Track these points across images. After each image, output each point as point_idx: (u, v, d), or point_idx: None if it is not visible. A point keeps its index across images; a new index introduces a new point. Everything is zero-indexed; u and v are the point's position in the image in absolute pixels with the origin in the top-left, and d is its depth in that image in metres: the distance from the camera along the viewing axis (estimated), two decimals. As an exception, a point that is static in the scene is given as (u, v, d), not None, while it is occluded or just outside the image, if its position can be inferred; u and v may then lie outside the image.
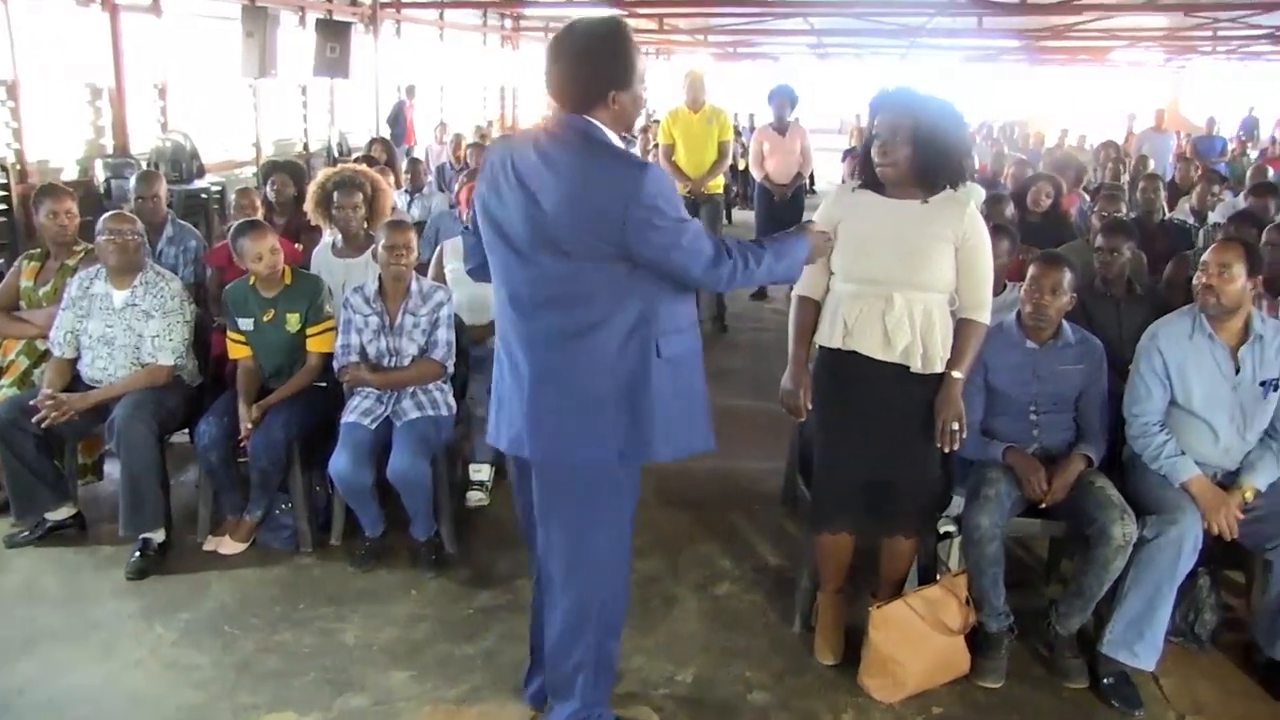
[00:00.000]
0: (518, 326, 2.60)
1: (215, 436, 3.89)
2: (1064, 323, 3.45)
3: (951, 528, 3.52)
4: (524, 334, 2.58)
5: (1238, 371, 3.25)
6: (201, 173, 9.74)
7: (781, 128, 8.20)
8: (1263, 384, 3.24)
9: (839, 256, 3.08)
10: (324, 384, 4.10)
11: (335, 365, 3.96)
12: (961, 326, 3.03)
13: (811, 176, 11.57)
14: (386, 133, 12.82)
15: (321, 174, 4.82)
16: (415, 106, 14.10)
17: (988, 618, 3.25)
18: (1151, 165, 8.42)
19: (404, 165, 7.84)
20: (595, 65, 2.46)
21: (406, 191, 7.39)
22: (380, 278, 3.99)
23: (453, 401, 4.07)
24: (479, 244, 2.69)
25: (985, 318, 3.05)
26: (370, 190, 4.73)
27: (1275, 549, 3.14)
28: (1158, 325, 3.38)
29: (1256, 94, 21.87)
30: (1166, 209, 6.59)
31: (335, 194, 4.65)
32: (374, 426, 3.85)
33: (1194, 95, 26.47)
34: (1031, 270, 3.41)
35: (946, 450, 3.06)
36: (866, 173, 3.08)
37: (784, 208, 8.29)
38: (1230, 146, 12.01)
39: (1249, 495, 3.21)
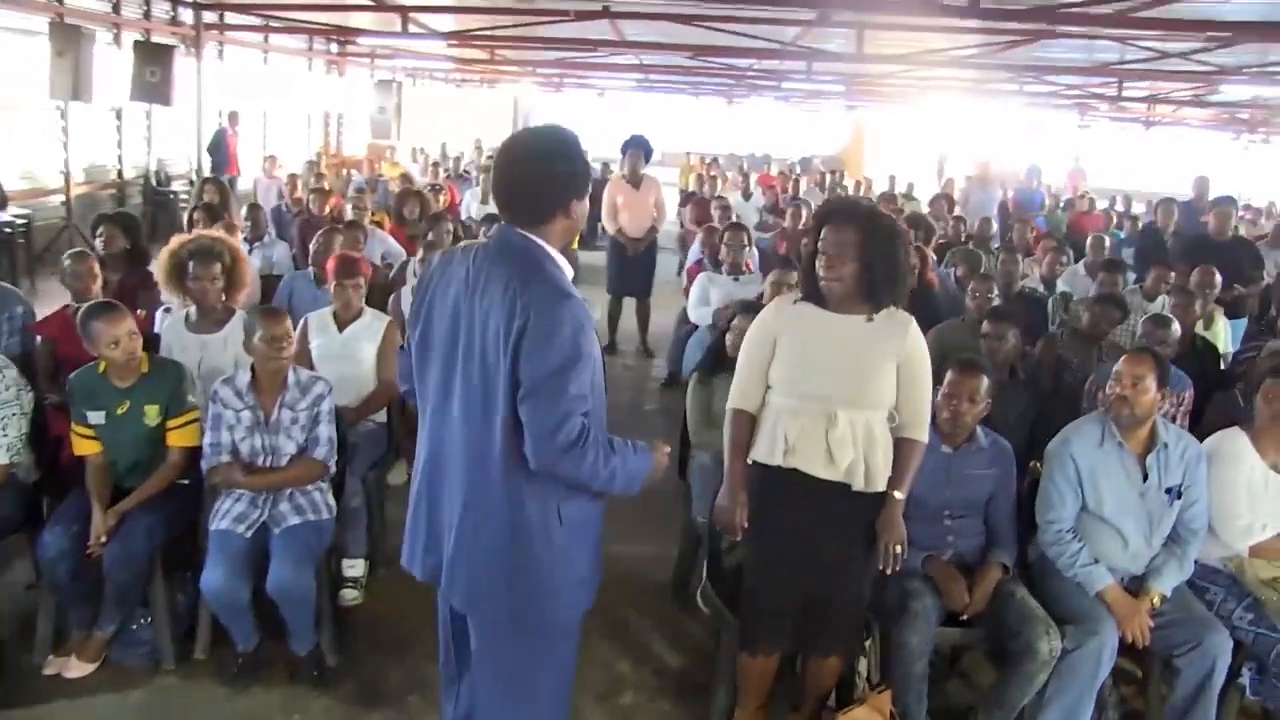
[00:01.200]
0: (447, 458, 2.42)
1: (64, 548, 3.43)
2: (978, 428, 3.46)
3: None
4: (449, 466, 2.41)
5: (1145, 479, 3.33)
6: (3, 203, 8.90)
7: (635, 180, 8.09)
8: (1168, 491, 3.32)
9: (779, 371, 2.98)
10: (186, 480, 3.71)
11: (204, 465, 3.58)
12: (902, 445, 2.97)
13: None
14: (207, 161, 12.10)
15: (175, 241, 4.41)
16: (238, 134, 13.37)
17: (911, 731, 3.21)
18: (995, 228, 8.78)
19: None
20: (561, 174, 2.32)
21: (246, 239, 6.90)
22: (253, 368, 3.64)
23: (333, 501, 3.75)
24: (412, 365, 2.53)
25: (925, 436, 3.01)
26: (229, 259, 4.36)
27: (1183, 655, 3.21)
28: (1069, 432, 3.43)
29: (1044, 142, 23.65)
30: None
31: (191, 264, 4.26)
32: (250, 534, 3.49)
33: (998, 143, 28.21)
34: (950, 376, 3.40)
35: (888, 572, 3.00)
36: (808, 286, 2.99)
37: (636, 261, 8.18)
38: (1045, 200, 12.71)
39: (1156, 601, 3.29)
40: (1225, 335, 5.85)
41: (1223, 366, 5.34)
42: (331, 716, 3.42)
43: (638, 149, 8.03)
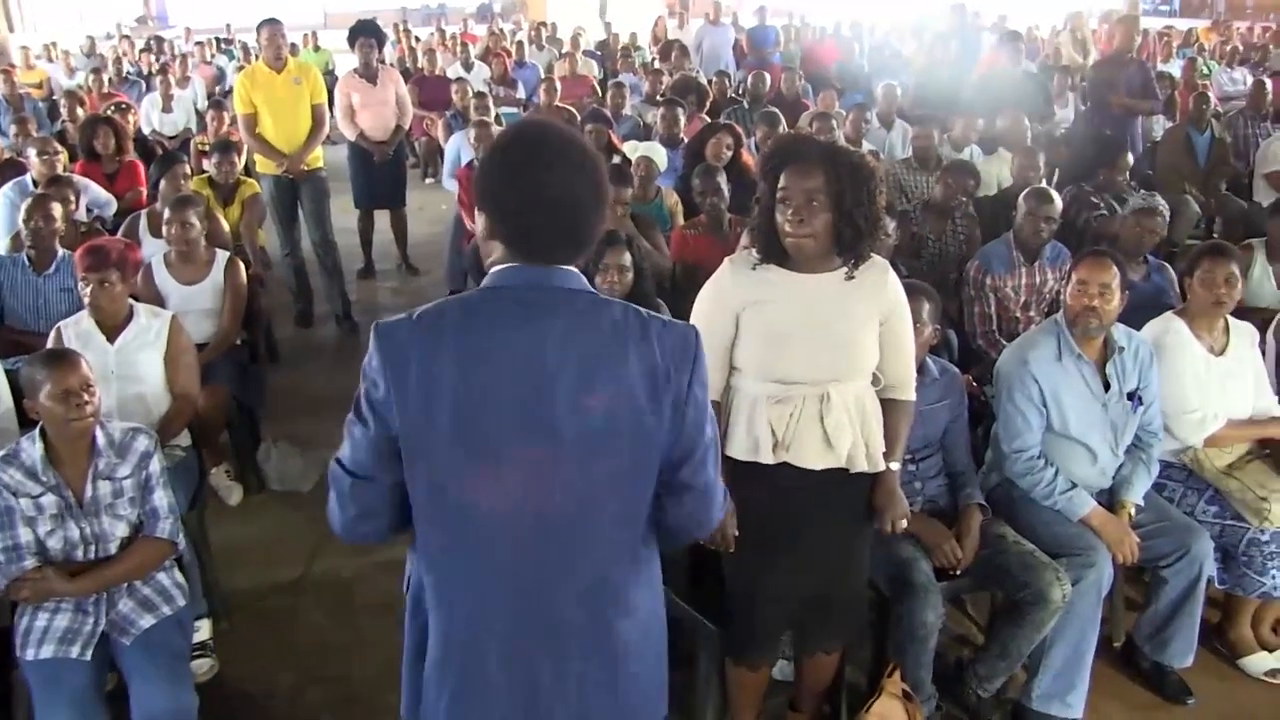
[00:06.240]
0: (520, 600, 1.73)
1: None
2: (927, 357, 3.13)
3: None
4: (533, 607, 1.73)
5: (1107, 389, 3.12)
6: None
7: (370, 75, 6.97)
8: (1129, 397, 3.14)
9: (750, 353, 2.48)
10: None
11: (1, 579, 2.70)
12: (891, 409, 2.58)
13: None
14: None
15: None
16: None
17: (920, 703, 2.94)
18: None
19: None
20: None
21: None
22: (43, 433, 2.75)
23: (182, 578, 2.96)
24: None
25: (913, 394, 2.63)
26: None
27: (1169, 567, 3.10)
28: (1024, 350, 3.15)
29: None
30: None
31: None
32: (89, 655, 2.67)
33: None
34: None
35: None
36: (768, 244, 2.47)
37: (384, 167, 7.18)
38: (779, 36, 12.36)
39: (1131, 512, 3.14)
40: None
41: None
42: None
43: (369, 37, 6.93)
